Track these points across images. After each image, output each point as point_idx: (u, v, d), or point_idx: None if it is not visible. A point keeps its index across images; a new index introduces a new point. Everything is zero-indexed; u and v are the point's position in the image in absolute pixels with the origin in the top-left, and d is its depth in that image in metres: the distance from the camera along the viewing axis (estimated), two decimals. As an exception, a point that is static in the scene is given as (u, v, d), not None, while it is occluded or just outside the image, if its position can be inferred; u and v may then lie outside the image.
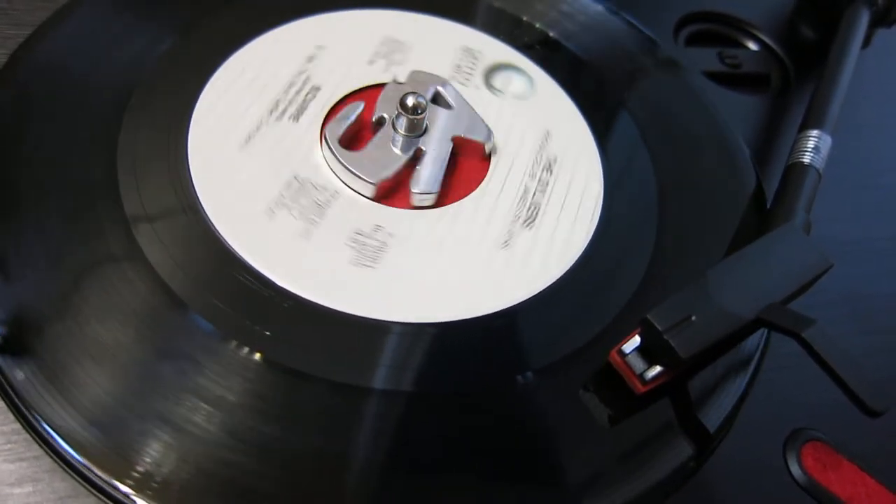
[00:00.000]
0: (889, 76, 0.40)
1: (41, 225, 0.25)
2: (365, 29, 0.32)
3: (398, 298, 0.25)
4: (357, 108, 0.29)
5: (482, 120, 0.30)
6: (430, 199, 0.28)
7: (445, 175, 0.28)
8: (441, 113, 0.30)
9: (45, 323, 0.23)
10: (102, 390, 0.22)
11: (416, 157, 0.28)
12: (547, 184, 0.29)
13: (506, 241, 0.27)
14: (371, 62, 0.31)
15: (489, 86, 0.32)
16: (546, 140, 0.31)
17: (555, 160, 0.30)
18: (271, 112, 0.28)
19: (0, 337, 0.22)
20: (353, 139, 0.29)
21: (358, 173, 0.27)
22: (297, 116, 0.29)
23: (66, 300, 0.23)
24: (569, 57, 0.34)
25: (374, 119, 0.29)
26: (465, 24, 0.34)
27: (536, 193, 0.29)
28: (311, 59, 0.30)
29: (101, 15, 0.30)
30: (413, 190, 0.27)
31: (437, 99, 0.30)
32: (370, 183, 0.27)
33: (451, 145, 0.29)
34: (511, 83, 0.32)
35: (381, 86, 0.30)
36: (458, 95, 0.30)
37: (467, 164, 0.29)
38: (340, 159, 0.27)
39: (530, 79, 0.33)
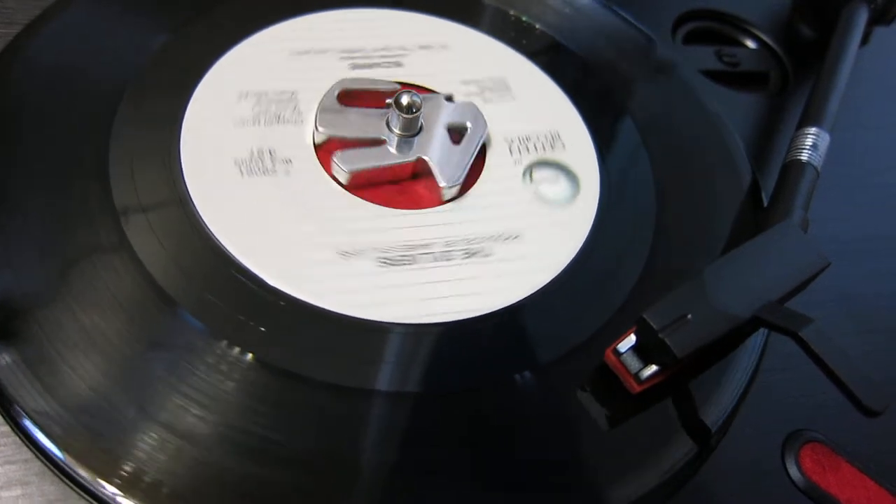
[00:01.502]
0: (887, 74, 0.40)
1: (30, 219, 0.24)
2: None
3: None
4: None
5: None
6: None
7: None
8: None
9: (31, 316, 0.23)
10: (89, 387, 0.22)
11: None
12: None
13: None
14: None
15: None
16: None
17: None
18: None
19: None
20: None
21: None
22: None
23: (53, 295, 0.23)
24: (564, 53, 0.34)
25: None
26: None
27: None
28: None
29: (92, 11, 0.30)
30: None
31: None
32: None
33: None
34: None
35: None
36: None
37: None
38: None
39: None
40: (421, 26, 0.33)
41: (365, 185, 0.28)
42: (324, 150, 0.28)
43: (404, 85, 0.30)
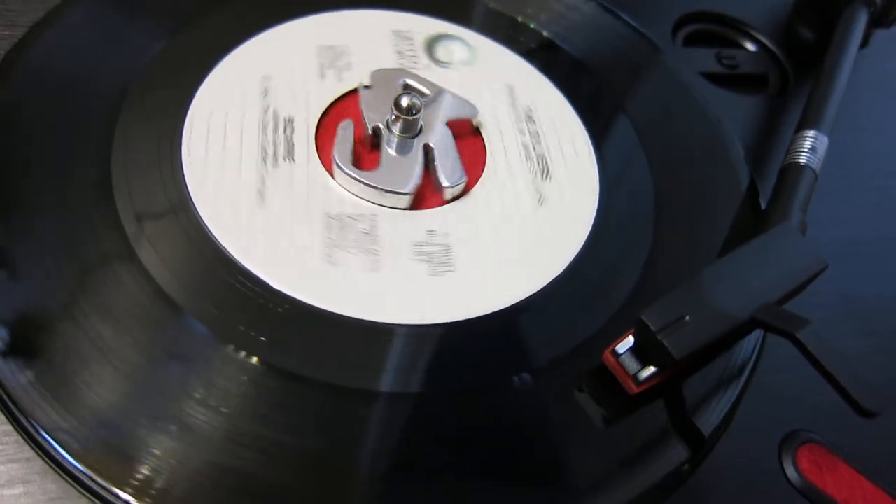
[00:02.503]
0: (887, 77, 0.40)
1: (34, 227, 0.25)
2: (295, 45, 0.31)
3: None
4: (349, 127, 0.28)
5: (461, 97, 0.30)
6: (460, 188, 0.28)
7: None
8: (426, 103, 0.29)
9: (37, 323, 0.23)
10: (96, 393, 0.22)
11: (428, 154, 0.28)
12: (537, 133, 0.30)
13: (539, 199, 0.28)
14: (322, 76, 0.30)
15: (436, 61, 0.32)
16: (514, 94, 0.31)
17: (530, 109, 0.31)
18: (264, 161, 0.27)
19: (2, 342, 0.22)
20: (358, 159, 0.28)
21: (391, 189, 0.27)
22: (290, 155, 0.28)
23: (61, 302, 0.23)
24: (564, 56, 0.34)
25: (369, 131, 0.29)
26: (396, 9, 0.34)
27: (535, 145, 0.30)
28: (265, 92, 0.29)
29: (95, 13, 0.30)
30: (444, 185, 0.28)
31: (408, 89, 0.30)
32: (405, 194, 0.27)
33: (449, 130, 0.29)
34: (454, 52, 0.33)
35: (347, 96, 0.30)
36: (426, 80, 0.31)
37: (462, 143, 0.29)
38: (368, 182, 0.27)
39: (467, 43, 0.33)
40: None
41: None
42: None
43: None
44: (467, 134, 0.30)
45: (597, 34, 0.35)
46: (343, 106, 0.30)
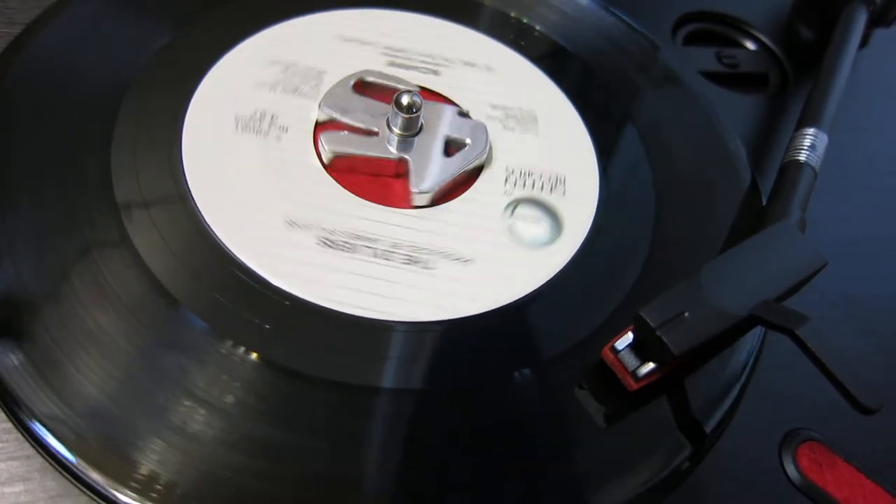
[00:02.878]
0: (887, 76, 0.40)
1: (33, 217, 0.25)
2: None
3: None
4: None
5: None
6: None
7: None
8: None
9: (34, 313, 0.23)
10: (95, 388, 0.22)
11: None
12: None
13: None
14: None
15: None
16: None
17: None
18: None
19: None
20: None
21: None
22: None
23: (57, 291, 0.23)
24: (564, 55, 0.34)
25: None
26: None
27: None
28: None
29: (93, 9, 0.30)
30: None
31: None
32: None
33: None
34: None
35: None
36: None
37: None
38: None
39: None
40: (474, 44, 0.33)
41: (345, 171, 0.28)
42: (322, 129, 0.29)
43: (425, 91, 0.30)
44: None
45: (596, 33, 0.35)
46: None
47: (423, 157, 0.28)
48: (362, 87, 0.30)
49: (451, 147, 0.29)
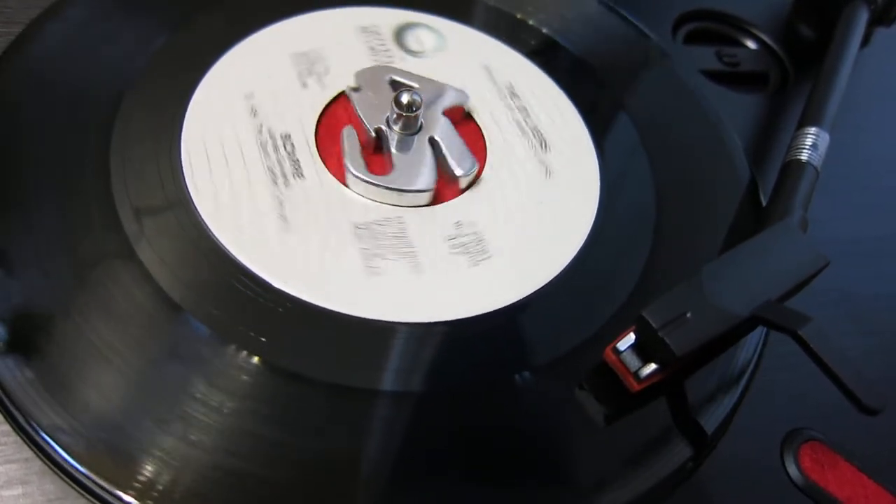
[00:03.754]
0: (888, 76, 0.40)
1: (33, 225, 0.24)
2: (267, 57, 0.31)
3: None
4: (352, 134, 0.28)
5: (449, 85, 0.30)
6: (473, 175, 0.28)
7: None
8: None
9: (35, 323, 0.23)
10: (96, 393, 0.22)
11: (435, 146, 0.28)
12: (524, 108, 0.31)
13: (547, 171, 0.29)
14: (304, 85, 0.30)
15: (409, 51, 0.32)
16: (491, 73, 0.32)
17: (511, 86, 0.32)
18: (275, 183, 0.27)
19: (0, 341, 0.22)
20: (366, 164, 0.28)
21: (411, 188, 0.27)
22: (299, 173, 0.27)
23: (60, 302, 0.23)
24: (564, 53, 0.34)
25: (371, 133, 0.28)
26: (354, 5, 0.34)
27: (527, 118, 0.30)
28: (253, 112, 0.29)
29: (92, 11, 0.30)
30: (458, 174, 0.28)
31: (396, 86, 0.30)
32: (426, 191, 0.27)
33: (448, 120, 0.29)
34: (423, 40, 0.33)
35: (335, 102, 0.30)
36: (410, 73, 0.31)
37: (458, 130, 0.29)
38: (388, 185, 0.27)
39: (434, 30, 0.33)
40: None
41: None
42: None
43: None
44: (458, 119, 0.30)
45: (597, 31, 0.35)
46: (334, 112, 0.30)
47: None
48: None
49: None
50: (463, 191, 0.28)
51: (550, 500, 0.22)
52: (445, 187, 0.28)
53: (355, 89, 0.30)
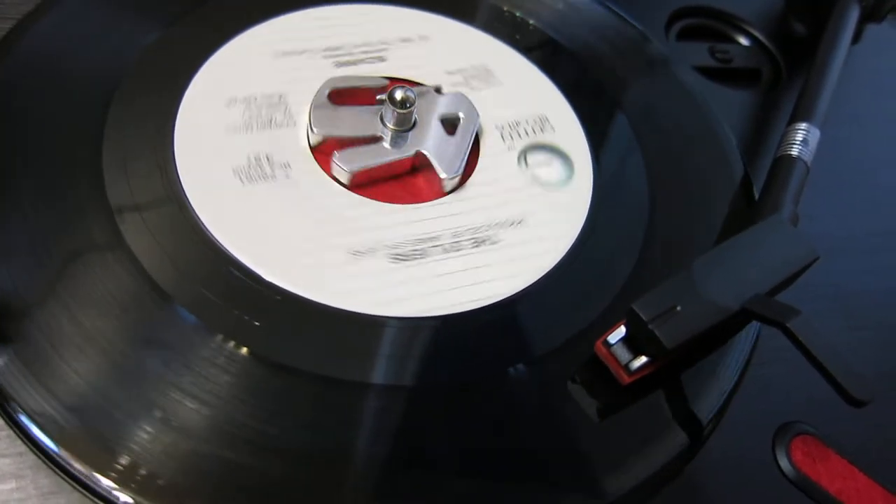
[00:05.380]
0: (879, 72, 0.40)
1: (25, 217, 0.24)
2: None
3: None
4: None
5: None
6: (460, 175, 0.28)
7: None
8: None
9: (26, 312, 0.23)
10: (86, 383, 0.22)
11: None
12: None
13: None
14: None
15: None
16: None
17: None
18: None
19: None
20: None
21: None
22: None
23: (48, 290, 0.23)
24: (557, 48, 0.34)
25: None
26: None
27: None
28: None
29: (84, 7, 0.30)
30: (443, 177, 0.28)
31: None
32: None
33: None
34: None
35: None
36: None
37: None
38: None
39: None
40: (399, 19, 0.33)
41: (366, 184, 0.27)
42: (320, 151, 0.28)
43: (391, 80, 0.30)
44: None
45: (590, 27, 0.35)
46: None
47: (434, 144, 0.28)
48: (336, 96, 0.29)
49: (447, 126, 0.29)
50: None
51: (542, 493, 0.22)
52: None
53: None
